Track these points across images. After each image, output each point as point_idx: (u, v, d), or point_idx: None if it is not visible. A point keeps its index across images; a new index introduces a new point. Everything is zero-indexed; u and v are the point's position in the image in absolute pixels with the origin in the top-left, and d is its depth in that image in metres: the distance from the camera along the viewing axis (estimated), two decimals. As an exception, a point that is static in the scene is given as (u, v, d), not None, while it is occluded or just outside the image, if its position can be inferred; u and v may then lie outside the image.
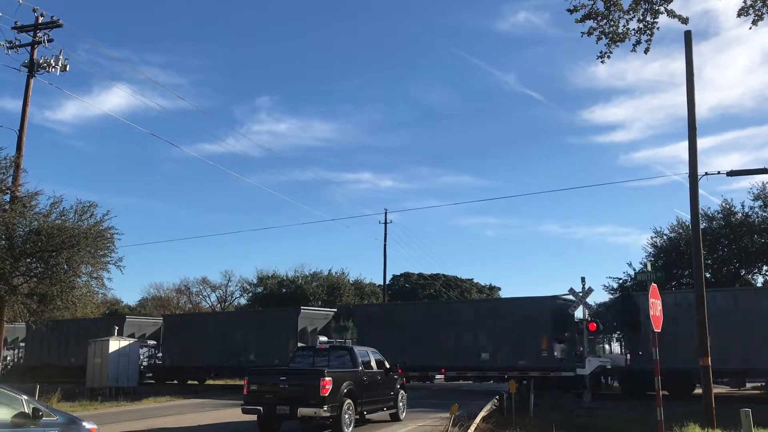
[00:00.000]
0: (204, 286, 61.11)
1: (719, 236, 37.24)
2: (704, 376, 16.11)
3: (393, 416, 18.57)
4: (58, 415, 9.32)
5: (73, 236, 24.56)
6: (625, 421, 18.87)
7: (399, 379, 19.23)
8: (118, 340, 30.24)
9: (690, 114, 16.83)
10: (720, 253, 37.72)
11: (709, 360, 16.34)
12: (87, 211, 25.95)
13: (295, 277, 58.25)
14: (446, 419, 16.39)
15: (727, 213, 37.93)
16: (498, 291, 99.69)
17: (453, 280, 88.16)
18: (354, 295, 56.65)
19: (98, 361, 29.74)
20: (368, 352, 18.28)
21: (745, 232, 36.75)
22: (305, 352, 18.53)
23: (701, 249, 16.96)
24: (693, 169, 16.80)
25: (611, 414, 21.92)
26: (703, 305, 16.35)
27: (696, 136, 16.87)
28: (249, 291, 58.91)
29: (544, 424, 18.19)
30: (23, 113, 25.44)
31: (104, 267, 26.76)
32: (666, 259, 38.43)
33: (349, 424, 15.50)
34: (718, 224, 37.98)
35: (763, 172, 18.88)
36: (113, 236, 26.64)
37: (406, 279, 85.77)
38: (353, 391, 15.86)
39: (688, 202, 17.05)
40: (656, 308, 12.09)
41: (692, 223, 17.27)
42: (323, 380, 14.75)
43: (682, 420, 15.04)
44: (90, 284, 27.28)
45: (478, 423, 16.81)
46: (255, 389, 15.63)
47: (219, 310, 58.41)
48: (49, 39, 25.86)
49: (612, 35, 11.03)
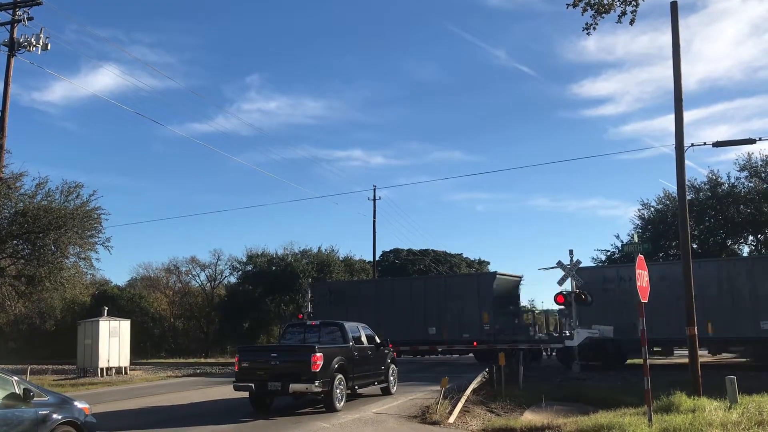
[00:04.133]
0: (193, 265, 60.91)
1: (706, 207, 37.53)
2: (690, 346, 16.32)
3: (384, 390, 18.73)
4: (49, 396, 9.34)
5: (60, 217, 24.46)
6: (614, 390, 19.12)
7: (390, 353, 19.36)
8: (107, 321, 30.20)
9: (676, 85, 16.85)
10: (706, 223, 38.04)
11: (695, 330, 16.54)
12: (73, 192, 25.83)
13: (285, 254, 58.21)
14: (437, 392, 16.56)
15: (714, 184, 38.19)
16: (487, 265, 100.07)
17: (442, 255, 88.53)
18: (344, 272, 56.74)
19: (88, 342, 29.73)
20: (359, 328, 18.38)
21: (731, 202, 37.04)
22: (296, 328, 18.60)
23: (687, 220, 17.07)
24: (679, 140, 16.85)
25: (600, 384, 22.21)
26: (690, 275, 16.50)
27: (682, 108, 16.90)
28: (239, 269, 58.83)
29: (533, 394, 18.41)
30: (5, 93, 25.11)
31: (92, 247, 26.72)
32: (653, 230, 38.75)
33: (340, 398, 15.62)
34: (705, 195, 38.26)
35: (748, 143, 19.00)
36: (100, 216, 26.58)
37: (395, 255, 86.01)
38: (344, 367, 15.97)
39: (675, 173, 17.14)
40: (643, 279, 12.20)
41: (679, 195, 17.37)
42: (314, 356, 14.83)
43: (669, 389, 15.26)
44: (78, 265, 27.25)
45: (468, 395, 17.00)
46: (246, 366, 15.69)
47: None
48: (29, 17, 25.46)
49: (597, 6, 11.02)
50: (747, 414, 11.86)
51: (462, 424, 14.05)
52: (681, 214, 17.06)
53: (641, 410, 12.66)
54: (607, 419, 11.99)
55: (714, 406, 12.77)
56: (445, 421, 13.97)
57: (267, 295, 53.56)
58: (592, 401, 17.42)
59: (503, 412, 16.18)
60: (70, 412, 9.29)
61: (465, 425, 14.00)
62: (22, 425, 8.47)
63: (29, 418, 8.58)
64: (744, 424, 10.95)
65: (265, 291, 53.99)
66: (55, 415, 8.97)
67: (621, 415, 12.69)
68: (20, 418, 8.47)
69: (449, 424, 13.85)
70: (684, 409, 12.81)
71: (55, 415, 8.98)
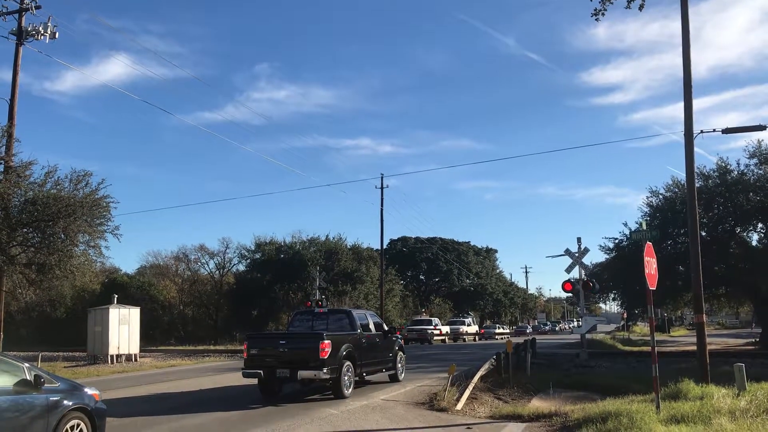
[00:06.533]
0: (202, 253, 61.21)
1: (714, 194, 37.25)
2: (699, 332, 16.28)
3: (392, 377, 18.80)
4: (59, 382, 9.41)
5: (69, 205, 24.56)
6: (621, 378, 19.13)
7: (398, 341, 19.41)
8: (117, 308, 30.38)
9: (685, 72, 16.70)
10: (715, 211, 37.77)
11: (704, 317, 16.51)
12: (82, 180, 25.91)
13: (293, 242, 58.38)
14: (444, 379, 16.61)
15: (723, 171, 37.89)
16: (495, 253, 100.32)
17: (450, 243, 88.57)
18: (352, 260, 56.86)
19: (99, 329, 29.93)
20: (366, 315, 18.43)
21: (740, 189, 36.74)
22: (304, 316, 18.67)
23: (696, 207, 16.99)
24: (689, 127, 16.73)
25: (607, 371, 22.23)
26: (698, 263, 16.44)
27: (692, 95, 16.76)
28: (247, 257, 59.10)
29: (541, 382, 18.45)
30: (13, 82, 25.20)
31: (101, 235, 26.83)
32: (662, 218, 38.52)
33: (348, 385, 15.69)
34: (714, 182, 37.96)
35: (758, 129, 18.84)
36: (109, 205, 26.67)
37: (403, 243, 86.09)
38: (352, 354, 16.02)
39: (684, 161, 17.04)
40: (651, 266, 12.17)
41: (687, 182, 17.28)
42: (322, 343, 14.88)
43: (677, 376, 15.25)
44: (88, 253, 27.39)
45: (476, 382, 17.05)
46: (255, 353, 15.77)
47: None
48: (36, 6, 25.47)
49: (606, -9, 10.91)
50: (755, 401, 11.84)
51: (470, 411, 14.09)
52: (690, 202, 16.98)
53: (649, 397, 12.67)
54: (615, 406, 11.99)
55: (722, 394, 12.75)
56: (452, 407, 14.02)
57: (275, 283, 53.77)
58: (599, 389, 17.45)
59: (511, 399, 16.23)
60: (80, 398, 9.36)
61: (473, 412, 14.05)
62: (33, 411, 8.54)
63: (40, 404, 8.65)
64: (753, 411, 10.94)
65: (273, 279, 54.20)
66: (65, 401, 9.04)
67: (629, 402, 12.69)
68: (31, 404, 8.54)
69: (457, 411, 13.89)
70: (692, 396, 12.81)
71: (66, 401, 9.05)
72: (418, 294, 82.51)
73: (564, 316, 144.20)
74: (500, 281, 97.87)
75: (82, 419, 9.27)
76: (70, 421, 9.06)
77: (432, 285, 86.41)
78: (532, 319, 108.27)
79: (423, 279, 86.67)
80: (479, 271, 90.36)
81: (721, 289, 43.62)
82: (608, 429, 9.95)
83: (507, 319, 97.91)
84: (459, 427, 12.19)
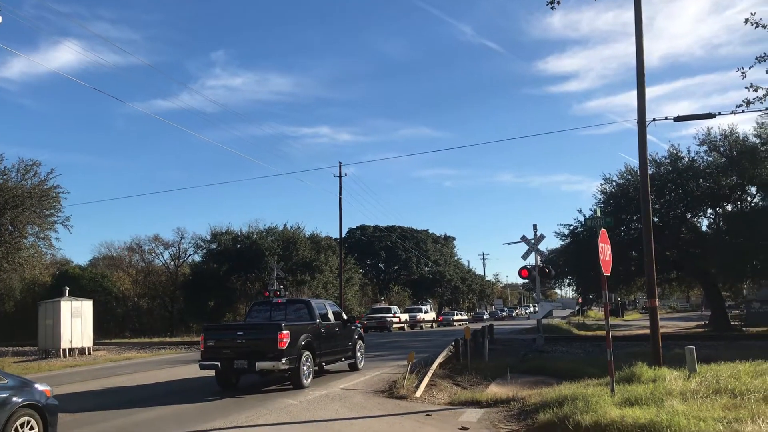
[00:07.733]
0: (156, 243, 60.18)
1: (666, 181, 38.16)
2: (651, 317, 16.64)
3: (351, 366, 18.79)
4: (8, 379, 9.13)
5: (17, 196, 23.90)
6: (577, 362, 19.47)
7: (357, 330, 19.40)
8: (69, 301, 29.68)
9: (639, 61, 16.97)
10: (667, 197, 38.70)
11: (656, 301, 16.88)
12: (30, 170, 25.25)
13: (250, 232, 57.81)
14: (404, 367, 16.67)
15: (674, 158, 38.85)
16: (453, 240, 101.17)
17: (408, 231, 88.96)
18: (310, 250, 56.61)
19: (50, 323, 29.22)
20: (325, 305, 18.37)
21: (691, 176, 37.73)
22: (262, 306, 18.50)
23: (649, 194, 17.33)
24: (641, 115, 17.02)
25: (563, 356, 22.61)
26: (651, 249, 16.78)
27: (644, 83, 17.04)
28: (203, 248, 58.32)
29: (499, 367, 18.66)
30: (-45, 68, 24.23)
31: (51, 227, 26.19)
32: (615, 204, 39.30)
33: (307, 375, 15.63)
34: (666, 169, 38.89)
35: (708, 117, 19.27)
36: (59, 195, 26.03)
37: (362, 232, 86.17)
38: (311, 343, 15.95)
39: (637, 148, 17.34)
40: (605, 253, 12.36)
41: (640, 169, 17.59)
42: (281, 333, 14.77)
43: (630, 360, 15.57)
44: (37, 245, 26.71)
45: (434, 369, 17.15)
46: (212, 345, 15.57)
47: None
48: (-22, -11, 24.49)
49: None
50: (705, 383, 12.16)
51: (429, 398, 14.17)
52: (643, 188, 17.30)
53: (604, 381, 12.90)
54: (571, 390, 12.19)
55: (674, 376, 13.06)
56: (412, 395, 14.08)
57: (232, 273, 53.22)
58: (555, 373, 17.72)
59: (469, 386, 16.38)
60: (30, 395, 9.11)
61: (432, 399, 14.13)
62: (-19, 409, 8.28)
63: (-13, 401, 8.39)
64: (702, 392, 11.23)
65: (230, 269, 53.63)
66: (15, 398, 8.79)
67: (584, 386, 12.92)
68: (-22, 402, 8.28)
69: (416, 398, 13.95)
70: (645, 379, 13.08)
71: (15, 398, 8.80)
72: (378, 282, 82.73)
73: (520, 301, 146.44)
74: (458, 268, 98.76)
75: (32, 416, 9.04)
76: (20, 418, 8.82)
77: (391, 273, 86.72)
78: (489, 306, 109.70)
79: (382, 267, 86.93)
80: (437, 259, 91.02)
81: (672, 274, 44.81)
82: (564, 413, 10.09)
83: (465, 305, 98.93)
84: (418, 414, 12.24)
